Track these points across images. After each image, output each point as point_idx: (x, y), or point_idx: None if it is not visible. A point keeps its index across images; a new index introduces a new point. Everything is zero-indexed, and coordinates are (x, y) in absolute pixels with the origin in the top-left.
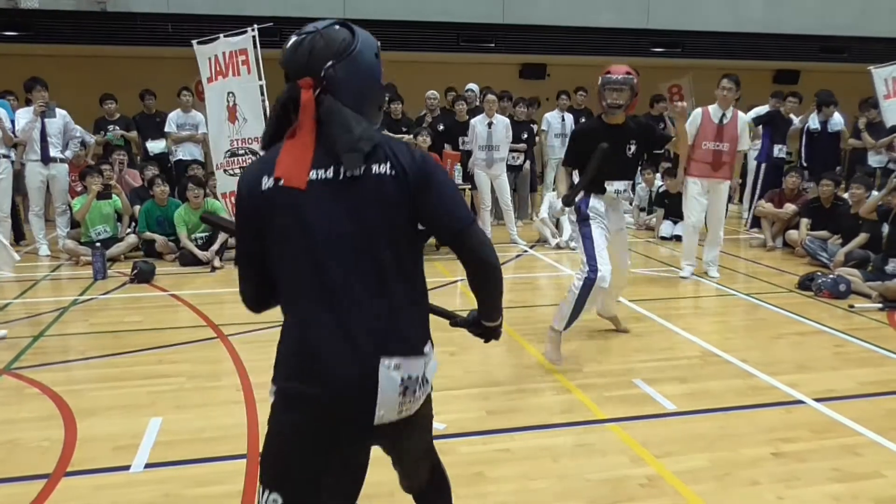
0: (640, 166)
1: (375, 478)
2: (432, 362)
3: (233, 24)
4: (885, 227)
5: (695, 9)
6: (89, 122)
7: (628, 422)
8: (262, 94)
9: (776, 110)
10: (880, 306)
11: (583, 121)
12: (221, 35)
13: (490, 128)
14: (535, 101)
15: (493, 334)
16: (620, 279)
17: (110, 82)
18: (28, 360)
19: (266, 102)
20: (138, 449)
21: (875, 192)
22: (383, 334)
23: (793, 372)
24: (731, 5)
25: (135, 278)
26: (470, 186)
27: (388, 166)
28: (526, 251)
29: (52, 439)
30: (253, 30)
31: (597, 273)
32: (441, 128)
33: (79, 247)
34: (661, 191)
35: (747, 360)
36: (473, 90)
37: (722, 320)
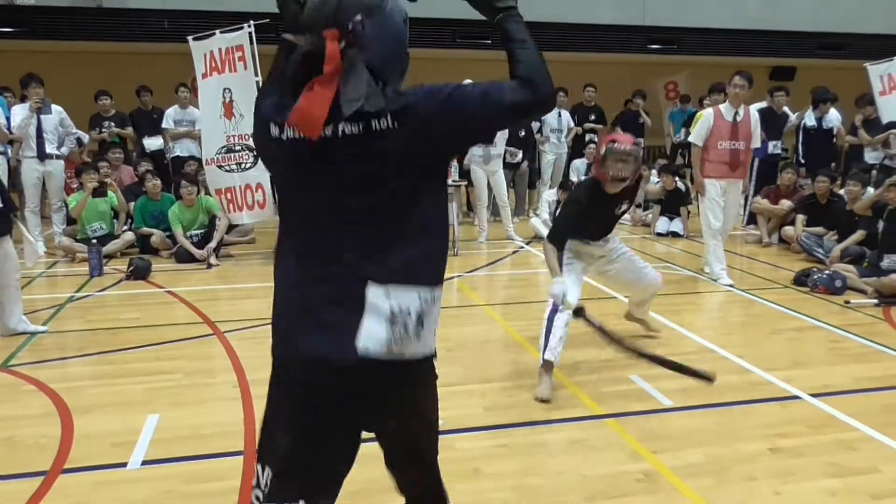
0: None
1: (367, 475)
2: (434, 311)
3: (229, 19)
4: (881, 223)
5: (691, 5)
6: (85, 119)
7: (625, 417)
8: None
9: (769, 107)
10: (876, 302)
11: (588, 126)
12: (217, 31)
13: None
14: None
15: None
16: (646, 292)
17: (106, 78)
18: (24, 357)
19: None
20: (135, 446)
21: (871, 189)
22: (378, 265)
23: (789, 367)
24: (727, 2)
25: (131, 275)
26: (466, 183)
27: (390, 119)
28: (522, 247)
29: (49, 436)
30: (249, 26)
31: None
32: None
33: (75, 244)
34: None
35: (744, 355)
36: None
37: (718, 316)
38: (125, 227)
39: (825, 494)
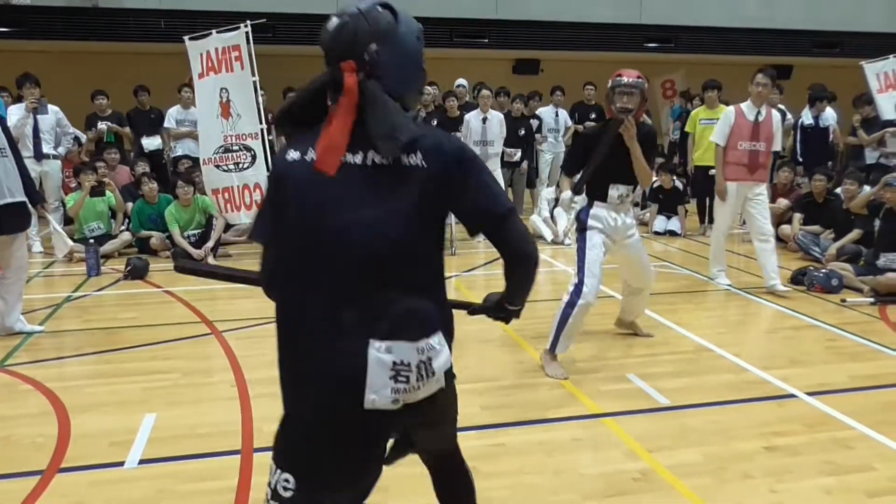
0: None
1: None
2: (441, 354)
3: (225, 19)
4: (877, 221)
5: (688, 4)
6: (81, 119)
7: (622, 416)
8: (255, 90)
9: None
10: (872, 300)
11: (592, 117)
12: (214, 31)
13: (484, 123)
14: (536, 95)
15: (514, 316)
16: (642, 281)
17: (103, 78)
18: (22, 356)
19: (260, 98)
20: (132, 445)
21: (867, 188)
22: (376, 318)
23: (785, 366)
24: (724, 1)
25: (128, 275)
26: None
27: (420, 157)
28: None
29: (46, 435)
30: (246, 26)
31: (583, 287)
32: (435, 123)
33: (72, 243)
34: (655, 186)
35: (740, 354)
36: (464, 85)
37: (715, 315)
38: (122, 227)
39: (821, 492)
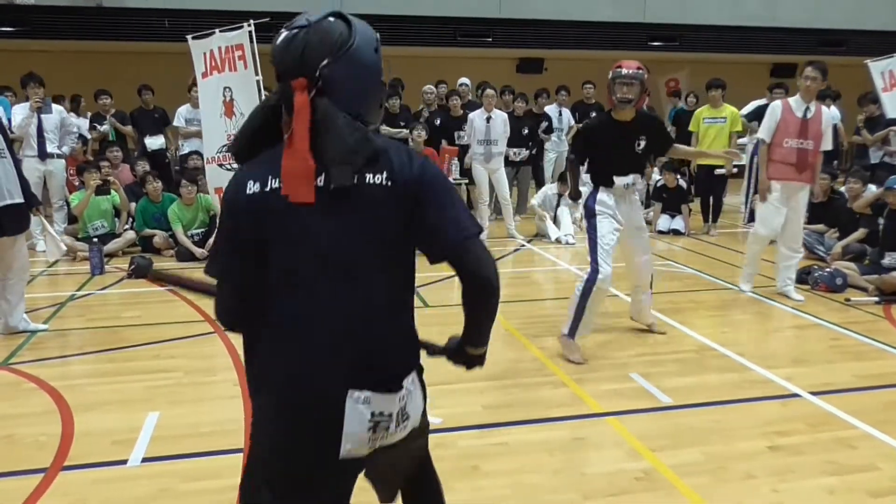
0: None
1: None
2: (416, 396)
3: (229, 18)
4: (882, 220)
5: (692, 3)
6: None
7: (624, 415)
8: (259, 90)
9: (766, 104)
10: (877, 300)
11: (593, 115)
12: (217, 30)
13: (488, 122)
14: (544, 93)
15: (477, 362)
16: (640, 278)
17: (106, 78)
18: (25, 355)
19: (263, 97)
20: (135, 443)
21: (872, 187)
22: (357, 363)
23: (789, 365)
24: None
25: (132, 273)
26: (467, 181)
27: (384, 176)
28: (524, 245)
29: (50, 434)
30: (249, 25)
31: (597, 274)
32: (438, 122)
33: (76, 242)
34: (658, 185)
35: (744, 353)
36: (466, 84)
37: (718, 314)
38: (126, 226)
39: (824, 492)
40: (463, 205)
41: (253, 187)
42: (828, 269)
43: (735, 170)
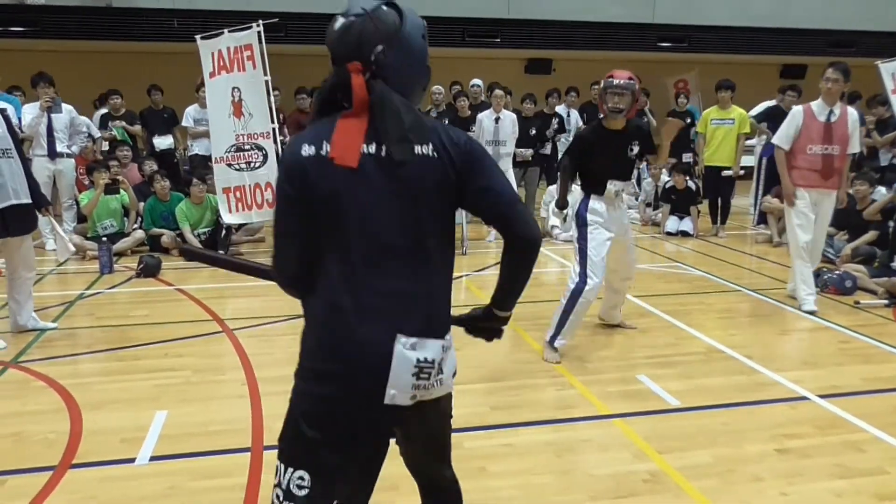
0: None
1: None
2: (451, 355)
3: (238, 19)
4: (892, 223)
5: (701, 3)
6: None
7: (631, 417)
8: (267, 90)
9: (776, 105)
10: (886, 302)
11: (582, 126)
12: (226, 30)
13: (497, 123)
14: (555, 92)
15: (497, 333)
16: (623, 284)
17: (115, 78)
18: (34, 353)
19: (272, 98)
20: (143, 442)
21: (881, 189)
22: (405, 313)
23: (797, 368)
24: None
25: (141, 272)
26: None
27: (431, 148)
28: None
29: (59, 432)
30: (258, 25)
31: (585, 285)
32: (446, 122)
33: (85, 241)
34: (667, 186)
35: (752, 356)
36: (478, 85)
37: (726, 316)
38: (135, 226)
39: (832, 495)
40: (504, 175)
41: (308, 150)
42: (837, 272)
43: (742, 172)
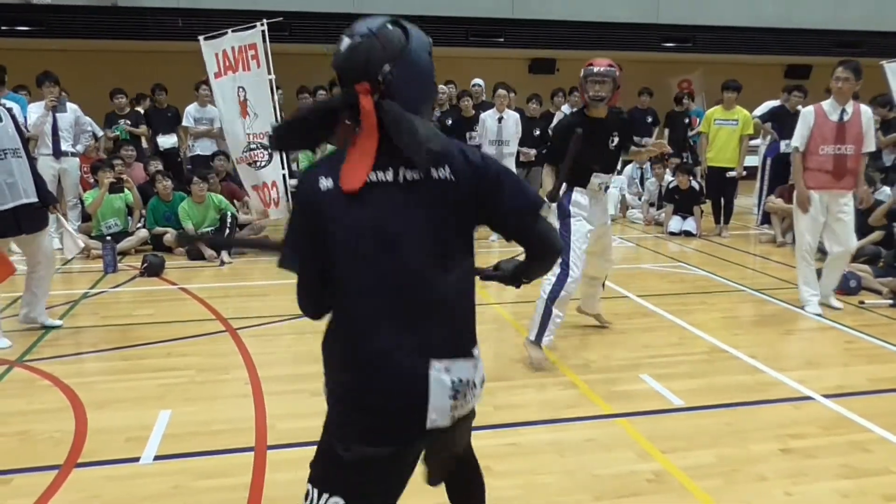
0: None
1: None
2: (481, 367)
3: (242, 18)
4: None
5: (705, 3)
6: (99, 117)
7: (635, 417)
8: (271, 89)
9: (781, 105)
10: (891, 302)
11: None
12: (229, 30)
13: (500, 122)
14: (560, 92)
15: (523, 283)
16: (601, 271)
17: (121, 77)
18: (39, 352)
19: (276, 97)
20: (148, 441)
21: (886, 189)
22: (434, 337)
23: (802, 368)
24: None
25: (145, 272)
26: None
27: (449, 171)
28: None
29: (64, 431)
30: (262, 24)
31: (568, 277)
32: (450, 122)
33: (90, 240)
34: (670, 186)
35: (756, 355)
36: (480, 84)
37: (730, 316)
38: (139, 225)
39: (837, 496)
40: (524, 184)
41: (326, 182)
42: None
43: (745, 172)
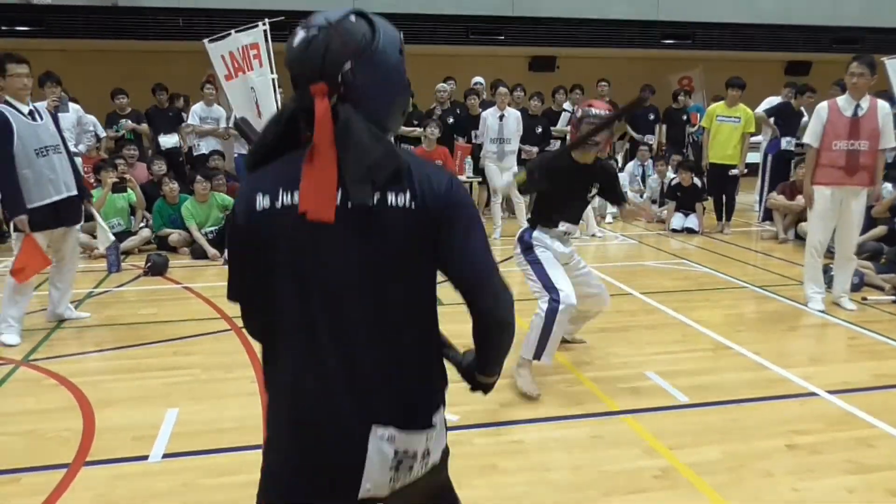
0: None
1: None
2: (442, 435)
3: (244, 17)
4: None
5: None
6: (101, 117)
7: (641, 414)
8: (274, 88)
9: (786, 102)
10: (893, 299)
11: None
12: (233, 31)
13: (501, 120)
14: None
15: (485, 389)
16: (593, 306)
17: (122, 77)
18: (45, 351)
19: (279, 97)
20: (156, 439)
21: (888, 185)
22: (380, 397)
23: (806, 364)
24: None
25: (148, 271)
26: (480, 179)
27: (408, 197)
28: None
29: (72, 429)
30: (264, 23)
31: (558, 300)
32: (451, 120)
33: (93, 240)
34: (672, 183)
35: (760, 352)
36: (481, 83)
37: (734, 313)
38: (142, 224)
39: (843, 491)
40: (485, 236)
41: (263, 202)
42: None
43: (746, 170)
